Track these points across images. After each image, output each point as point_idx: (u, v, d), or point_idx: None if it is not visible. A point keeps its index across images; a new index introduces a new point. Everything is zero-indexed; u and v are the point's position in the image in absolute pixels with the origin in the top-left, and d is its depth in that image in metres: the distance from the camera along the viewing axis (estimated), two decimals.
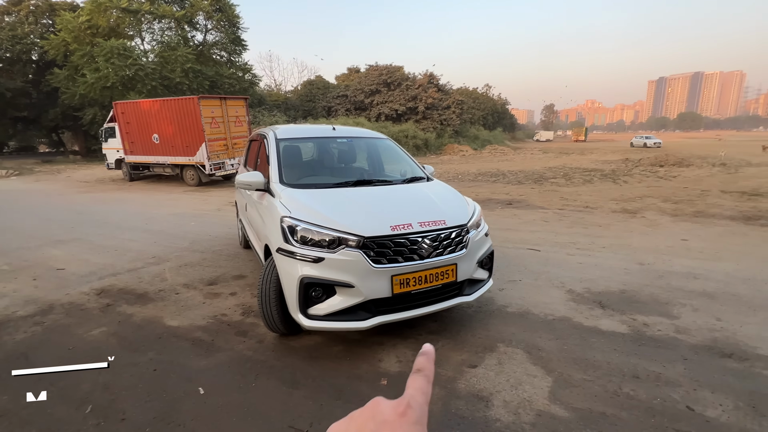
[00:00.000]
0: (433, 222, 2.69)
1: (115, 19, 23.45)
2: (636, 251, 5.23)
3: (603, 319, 3.27)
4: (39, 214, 8.80)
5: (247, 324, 3.27)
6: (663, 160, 18.05)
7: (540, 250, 5.32)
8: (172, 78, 22.95)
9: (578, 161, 21.94)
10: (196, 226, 7.20)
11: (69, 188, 13.65)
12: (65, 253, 5.52)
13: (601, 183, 12.83)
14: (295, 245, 2.55)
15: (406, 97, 33.33)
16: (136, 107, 13.68)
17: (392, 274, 2.52)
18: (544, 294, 3.82)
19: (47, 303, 3.81)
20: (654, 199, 9.45)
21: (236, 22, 27.69)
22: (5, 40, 26.68)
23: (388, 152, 4.21)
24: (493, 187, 12.13)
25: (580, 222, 7.15)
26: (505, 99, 65.45)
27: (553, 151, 34.64)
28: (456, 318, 3.30)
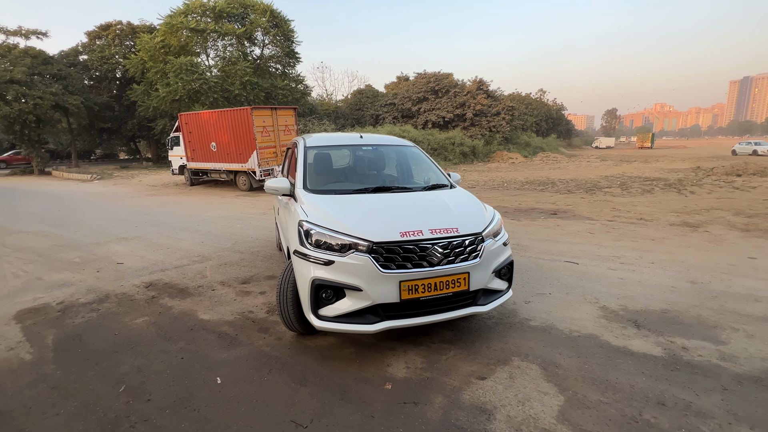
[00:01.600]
0: (445, 229, 2.68)
1: (185, 38, 25.79)
2: (690, 269, 4.76)
3: (635, 339, 3.02)
4: (111, 213, 9.88)
5: (269, 322, 3.45)
6: (742, 169, 16.18)
7: (578, 263, 5.03)
8: (232, 90, 24.70)
9: (640, 170, 20.32)
10: (241, 228, 7.68)
11: (139, 191, 15.16)
12: (126, 249, 6.16)
13: (663, 193, 11.80)
14: (309, 248, 2.67)
15: (453, 104, 33.02)
16: (198, 118, 14.91)
17: (400, 279, 2.55)
18: (573, 309, 3.61)
19: (104, 293, 4.29)
20: (723, 211, 8.52)
21: (291, 36, 29.22)
22: (95, 60, 30.40)
23: (414, 159, 4.23)
24: (538, 196, 11.63)
25: (630, 235, 6.65)
26: (561, 104, 62.51)
27: (612, 158, 32.38)
28: (473, 328, 3.23)
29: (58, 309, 3.87)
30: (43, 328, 3.47)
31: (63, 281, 4.73)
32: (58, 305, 3.97)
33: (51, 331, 3.40)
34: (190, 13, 25.87)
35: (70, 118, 28.50)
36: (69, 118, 28.65)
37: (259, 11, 27.15)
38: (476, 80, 35.42)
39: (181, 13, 25.60)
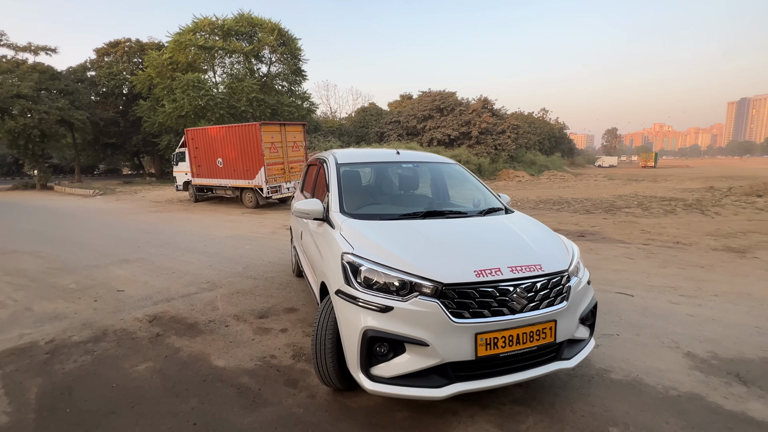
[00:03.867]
0: (527, 267, 2.16)
1: (193, 55, 25.87)
2: (762, 303, 4.21)
3: (751, 401, 2.46)
4: (112, 231, 9.37)
5: (297, 371, 2.89)
6: (761, 190, 15.71)
7: (633, 296, 4.48)
8: (238, 107, 24.59)
9: (652, 189, 19.89)
10: (251, 249, 7.16)
11: (142, 208, 14.69)
12: (128, 274, 5.62)
13: (687, 215, 11.28)
14: (358, 288, 2.15)
15: (459, 122, 32.95)
16: (204, 133, 14.59)
17: (476, 331, 2.02)
18: (654, 356, 3.05)
19: (102, 328, 3.74)
20: (762, 235, 7.99)
21: (298, 54, 29.37)
22: (103, 77, 30.53)
23: (458, 178, 3.76)
24: (558, 217, 11.13)
25: (674, 261, 6.11)
26: (563, 123, 62.76)
27: (619, 177, 32.03)
28: (547, 383, 2.67)
29: (47, 350, 3.32)
30: (26, 376, 2.91)
31: (55, 313, 4.18)
32: (48, 345, 3.42)
33: (36, 380, 2.84)
34: (199, 31, 26.04)
35: (75, 133, 28.40)
36: (74, 133, 28.53)
37: (267, 30, 27.34)
38: (481, 99, 35.47)
39: (189, 30, 25.76)
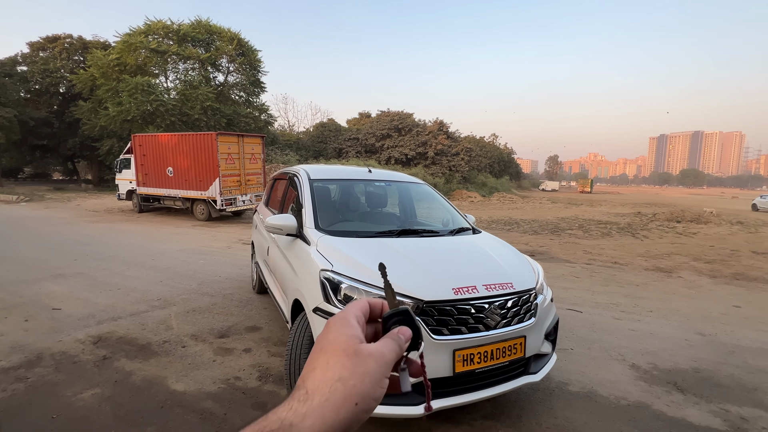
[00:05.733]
0: (500, 285, 2.29)
1: (143, 58, 24.54)
2: (689, 318, 4.73)
3: (688, 408, 2.74)
4: (43, 243, 8.45)
5: (265, 393, 2.77)
6: (679, 216, 17.70)
7: (582, 312, 4.83)
8: (191, 114, 23.55)
9: (589, 213, 21.64)
10: (205, 264, 6.79)
11: (77, 217, 13.42)
12: (64, 290, 5.09)
13: (621, 237, 12.40)
14: (338, 306, 2.14)
15: (416, 142, 33.97)
16: (154, 140, 13.79)
17: (455, 348, 2.08)
18: (605, 369, 3.30)
19: (36, 351, 3.34)
20: (683, 257, 8.98)
21: (257, 65, 28.91)
22: (37, 73, 27.92)
23: (426, 198, 3.89)
24: (510, 237, 11.74)
25: (614, 279, 6.68)
26: (511, 148, 66.78)
27: (561, 201, 34.52)
28: (512, 397, 2.79)
29: None
30: None
31: None
32: None
33: None
34: (152, 34, 24.83)
35: None
36: None
37: (226, 39, 26.73)
38: (437, 121, 36.93)
39: (141, 32, 24.50)
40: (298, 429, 0.32)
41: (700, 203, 33.60)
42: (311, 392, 0.34)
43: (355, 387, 0.35)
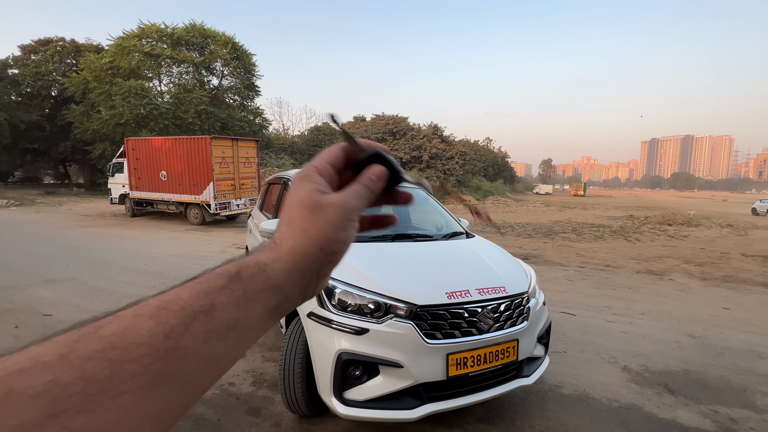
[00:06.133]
0: (493, 289, 2.31)
1: (137, 61, 24.45)
2: (680, 321, 4.79)
3: (678, 409, 2.78)
4: (33, 248, 8.35)
5: (259, 398, 2.77)
6: (671, 219, 17.92)
7: (575, 315, 4.88)
8: (185, 118, 23.48)
9: (583, 216, 21.84)
10: (199, 269, 6.55)
11: (69, 221, 13.28)
12: (55, 296, 5.04)
13: (614, 240, 12.54)
14: (332, 311, 2.15)
15: (410, 146, 34.13)
16: (147, 144, 13.72)
17: (448, 352, 2.10)
18: (597, 371, 3.34)
19: None
20: (674, 260, 9.09)
21: (252, 69, 28.92)
22: (28, 76, 27.71)
23: (421, 202, 3.91)
24: (504, 240, 11.81)
25: (606, 282, 6.75)
26: (505, 152, 67.28)
27: (554, 204, 34.79)
28: (506, 400, 2.81)
29: None
30: None
31: None
32: None
33: None
34: (145, 37, 24.76)
35: None
36: None
37: (221, 42, 26.72)
38: (431, 125, 37.13)
39: (134, 36, 24.43)
40: (270, 268, 0.35)
41: (691, 206, 34.03)
42: (280, 241, 0.37)
43: (317, 235, 0.37)
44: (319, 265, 0.37)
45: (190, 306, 0.30)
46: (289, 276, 0.36)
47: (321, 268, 0.38)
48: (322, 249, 0.37)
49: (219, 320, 0.30)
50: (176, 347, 0.27)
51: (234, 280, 0.33)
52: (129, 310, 0.28)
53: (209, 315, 0.30)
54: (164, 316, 0.28)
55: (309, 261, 0.37)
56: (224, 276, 0.33)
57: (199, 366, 0.29)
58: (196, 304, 0.30)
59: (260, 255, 0.36)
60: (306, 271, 0.37)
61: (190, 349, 0.28)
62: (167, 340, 0.27)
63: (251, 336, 0.33)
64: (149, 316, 0.28)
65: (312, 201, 0.38)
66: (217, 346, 0.30)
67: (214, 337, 0.30)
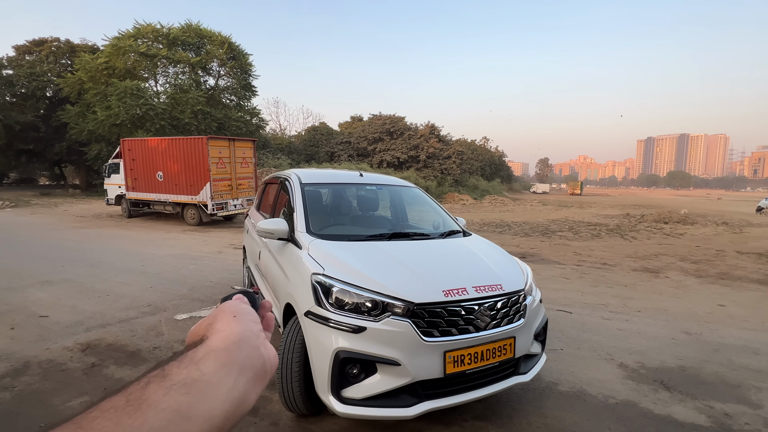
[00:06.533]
0: (490, 287, 2.32)
1: (133, 62, 24.33)
2: (675, 318, 4.82)
3: (674, 405, 2.80)
4: (29, 249, 8.31)
5: None
6: (667, 217, 18.02)
7: (572, 312, 4.90)
8: (182, 119, 23.39)
9: (579, 215, 21.90)
10: (196, 270, 6.74)
11: (64, 223, 13.21)
12: (51, 297, 5.02)
13: (610, 238, 12.59)
14: (330, 309, 2.16)
15: (408, 145, 34.13)
16: (144, 145, 13.66)
17: (445, 349, 2.11)
18: (593, 368, 3.36)
19: (23, 360, 3.29)
20: (670, 257, 9.14)
21: (248, 69, 28.83)
22: (23, 77, 27.50)
23: (417, 201, 3.92)
24: (501, 239, 11.85)
25: (603, 280, 6.78)
26: (502, 151, 67.37)
27: (551, 203, 34.88)
28: (503, 397, 2.83)
29: None
30: None
31: None
32: None
33: None
34: (141, 37, 24.64)
35: None
36: None
37: (217, 43, 26.63)
38: (428, 125, 37.16)
39: (130, 36, 24.31)
40: (210, 341, 0.44)
41: (686, 205, 34.22)
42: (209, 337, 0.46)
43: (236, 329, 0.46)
44: (243, 325, 0.46)
45: (145, 376, 0.37)
46: (224, 339, 0.43)
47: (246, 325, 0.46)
48: (235, 316, 0.47)
49: (175, 379, 0.37)
50: (139, 403, 0.33)
51: (179, 355, 0.40)
52: None
53: (163, 377, 0.37)
54: (123, 389, 0.35)
55: (232, 326, 0.45)
56: (171, 357, 0.40)
57: (167, 416, 0.34)
58: (150, 375, 0.37)
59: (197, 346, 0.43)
60: (234, 332, 0.44)
61: (152, 402, 0.34)
62: (128, 402, 0.33)
63: (216, 390, 0.38)
64: (112, 393, 0.35)
65: (211, 315, 0.49)
66: (178, 398, 0.35)
67: (174, 391, 0.36)
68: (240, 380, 0.41)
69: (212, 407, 0.37)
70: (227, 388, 0.39)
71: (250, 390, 0.42)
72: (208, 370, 0.39)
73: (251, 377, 0.42)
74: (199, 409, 0.36)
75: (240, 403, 0.40)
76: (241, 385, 0.41)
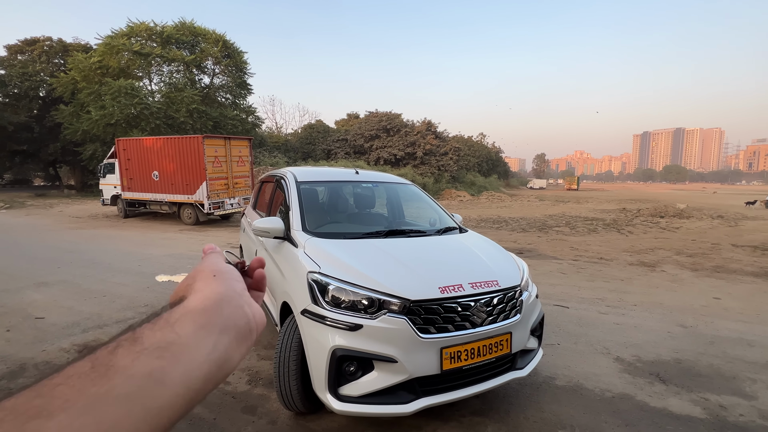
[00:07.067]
0: (486, 283, 2.33)
1: (126, 60, 24.13)
2: (671, 311, 4.85)
3: (670, 397, 2.82)
4: (25, 251, 8.26)
5: (255, 396, 2.77)
6: (663, 211, 18.10)
7: (569, 307, 4.92)
8: (177, 117, 23.26)
9: (576, 210, 21.97)
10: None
11: (60, 224, 13.14)
12: (47, 298, 4.99)
13: (607, 233, 12.64)
14: (326, 308, 2.16)
15: (404, 142, 34.08)
16: (139, 144, 13.58)
17: (442, 346, 2.12)
18: (590, 362, 3.38)
19: (18, 362, 3.28)
20: (666, 251, 9.19)
21: (243, 67, 28.67)
22: (15, 77, 27.24)
23: (413, 198, 3.92)
24: (498, 235, 11.88)
25: (600, 275, 6.81)
26: (499, 147, 67.42)
27: (548, 198, 34.97)
28: (500, 393, 2.84)
29: None
30: None
31: None
32: None
33: None
34: (134, 36, 24.43)
35: None
36: None
37: (211, 41, 26.45)
38: (425, 121, 37.11)
39: (123, 34, 24.10)
40: (187, 301, 0.42)
41: (682, 199, 34.38)
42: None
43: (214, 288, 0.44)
44: (225, 284, 0.44)
45: (113, 342, 0.34)
46: (203, 299, 0.41)
47: (228, 285, 0.44)
48: (215, 275, 0.45)
49: (146, 342, 0.34)
50: (106, 369, 0.31)
51: (152, 317, 0.38)
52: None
53: (134, 341, 0.34)
54: (90, 355, 0.33)
55: (213, 286, 0.43)
56: (144, 319, 0.38)
57: (136, 382, 0.31)
58: (119, 339, 0.34)
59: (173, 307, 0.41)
60: (215, 292, 0.42)
61: (120, 367, 0.32)
62: (93, 367, 0.31)
63: (193, 353, 0.36)
64: (76, 359, 0.32)
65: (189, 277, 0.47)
66: (150, 363, 0.33)
67: (146, 356, 0.33)
68: (221, 341, 0.39)
69: (189, 370, 0.35)
70: (206, 350, 0.37)
71: (233, 351, 0.40)
72: (184, 332, 0.37)
73: (234, 337, 0.41)
74: (174, 373, 0.34)
75: (221, 365, 0.39)
76: (222, 346, 0.39)
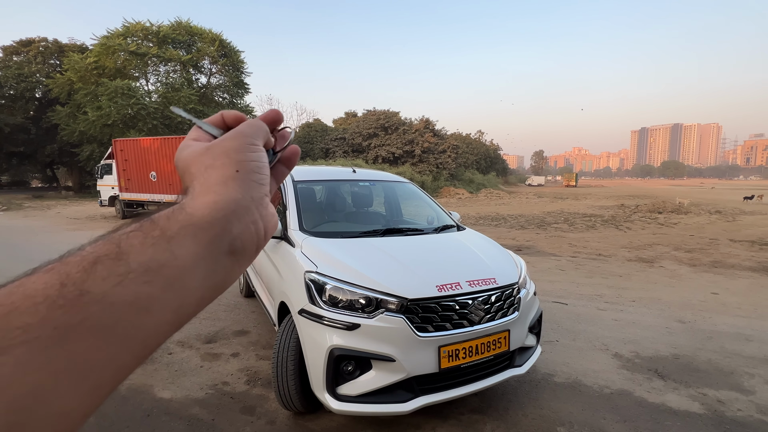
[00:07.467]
0: (483, 281, 2.32)
1: (122, 61, 24.04)
2: (669, 307, 4.86)
3: (668, 393, 2.83)
4: (23, 253, 8.23)
5: (253, 397, 2.77)
6: (661, 207, 18.13)
7: (567, 304, 4.93)
8: (174, 117, 23.19)
9: (575, 206, 22.00)
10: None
11: (58, 225, 13.10)
12: None
13: (605, 229, 12.65)
14: (323, 307, 2.15)
15: (402, 140, 34.05)
16: (136, 145, 13.55)
17: (440, 344, 2.12)
18: (589, 359, 3.38)
19: None
20: (665, 247, 9.21)
21: (240, 66, 28.60)
22: (11, 78, 27.13)
23: (411, 197, 3.91)
24: (497, 232, 11.89)
25: (598, 271, 6.82)
26: (497, 145, 67.44)
27: (547, 195, 35.00)
28: (499, 390, 2.84)
29: None
30: None
31: None
32: None
33: None
34: (130, 36, 24.33)
35: None
36: None
37: (208, 40, 26.35)
38: (423, 119, 37.06)
39: (119, 34, 23.99)
40: (188, 205, 0.33)
41: (680, 194, 34.45)
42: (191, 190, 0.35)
43: (225, 164, 0.35)
44: (244, 189, 0.34)
45: (92, 253, 0.27)
46: (213, 207, 0.32)
47: (248, 190, 0.34)
48: (238, 170, 0.34)
49: (133, 262, 0.27)
50: (79, 293, 0.25)
51: (145, 222, 0.30)
52: (26, 275, 0.26)
53: (117, 259, 0.27)
54: (61, 268, 0.26)
55: (230, 189, 0.33)
56: (135, 221, 0.30)
57: (116, 312, 0.25)
58: (99, 250, 0.27)
59: (173, 205, 0.33)
60: (229, 199, 0.33)
61: (98, 294, 0.25)
62: (63, 288, 0.24)
63: (188, 278, 0.29)
64: (45, 271, 0.25)
65: (200, 147, 0.36)
66: (135, 289, 0.27)
67: (131, 280, 0.26)
68: (222, 263, 0.32)
69: (181, 297, 0.29)
70: (203, 275, 0.31)
71: (234, 271, 0.34)
72: (181, 253, 0.29)
73: (237, 259, 0.34)
74: (163, 300, 0.28)
75: (217, 288, 0.33)
76: (222, 269, 0.32)
